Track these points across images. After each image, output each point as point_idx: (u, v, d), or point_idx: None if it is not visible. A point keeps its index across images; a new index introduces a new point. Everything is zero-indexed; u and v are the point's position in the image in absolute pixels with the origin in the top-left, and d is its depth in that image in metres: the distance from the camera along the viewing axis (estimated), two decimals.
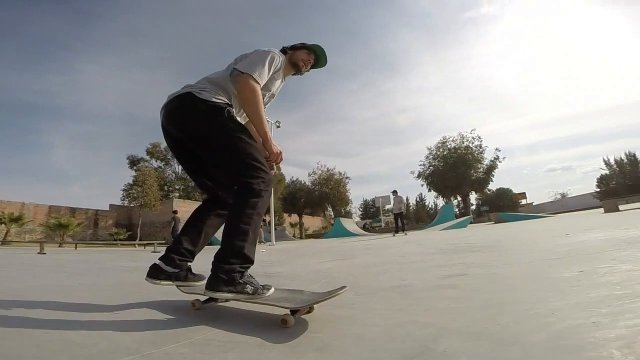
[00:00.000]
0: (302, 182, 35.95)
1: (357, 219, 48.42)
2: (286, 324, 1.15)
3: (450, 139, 32.85)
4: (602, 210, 11.68)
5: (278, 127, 17.20)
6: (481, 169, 31.35)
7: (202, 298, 1.45)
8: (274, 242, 12.03)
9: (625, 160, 35.93)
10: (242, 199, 1.29)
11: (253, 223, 1.27)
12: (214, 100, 1.38)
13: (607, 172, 37.17)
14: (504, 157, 32.32)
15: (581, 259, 2.01)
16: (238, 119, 1.43)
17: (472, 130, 33.17)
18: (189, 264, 1.50)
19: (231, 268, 1.23)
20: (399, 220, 11.46)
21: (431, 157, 33.43)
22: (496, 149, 31.00)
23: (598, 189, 35.94)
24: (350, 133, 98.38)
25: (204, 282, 1.46)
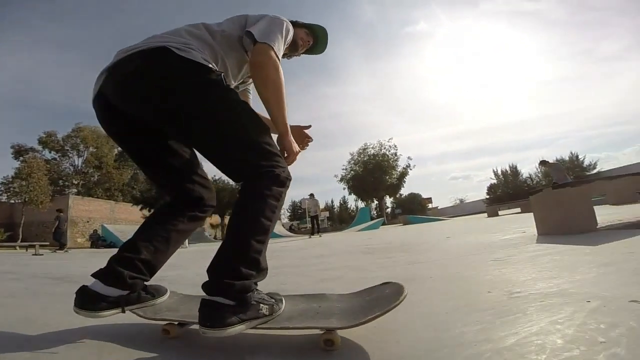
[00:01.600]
0: (225, 182, 34.54)
1: (286, 220, 48.37)
2: (332, 346, 0.85)
3: (371, 146, 35.40)
4: (486, 214, 13.82)
5: None
6: (395, 175, 34.40)
7: (177, 318, 1.05)
8: (187, 245, 11.33)
9: (509, 172, 43.33)
10: (266, 186, 0.96)
11: (274, 219, 0.96)
12: (204, 63, 1.00)
13: (495, 181, 44.23)
14: (414, 165, 36.00)
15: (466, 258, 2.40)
16: None
17: (389, 139, 36.15)
18: (144, 283, 1.07)
19: (244, 285, 0.88)
20: (315, 222, 11.92)
21: (352, 162, 35.64)
22: (408, 158, 34.48)
23: (488, 196, 42.56)
24: None
25: (166, 295, 1.16)
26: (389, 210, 45.45)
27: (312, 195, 12.57)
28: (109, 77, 1.02)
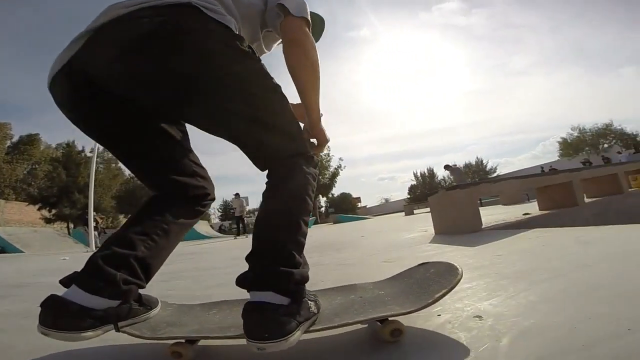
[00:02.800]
0: None
1: (217, 220, 46.14)
2: (401, 335, 0.80)
3: None
4: (404, 213, 14.76)
5: None
6: (327, 175, 35.15)
7: (190, 335, 0.83)
8: (95, 249, 9.92)
9: (427, 174, 47.63)
10: (307, 166, 0.86)
11: (311, 201, 0.85)
12: (233, 29, 0.81)
13: (415, 182, 48.15)
14: (345, 166, 37.12)
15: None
16: None
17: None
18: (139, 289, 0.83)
19: (302, 275, 0.77)
20: (240, 223, 11.44)
21: None
22: (340, 159, 35.61)
23: (409, 196, 46.14)
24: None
25: (158, 306, 0.93)
26: (322, 209, 46.44)
27: (237, 194, 11.99)
28: (97, 42, 0.76)
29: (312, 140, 0.99)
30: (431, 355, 0.75)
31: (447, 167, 11.09)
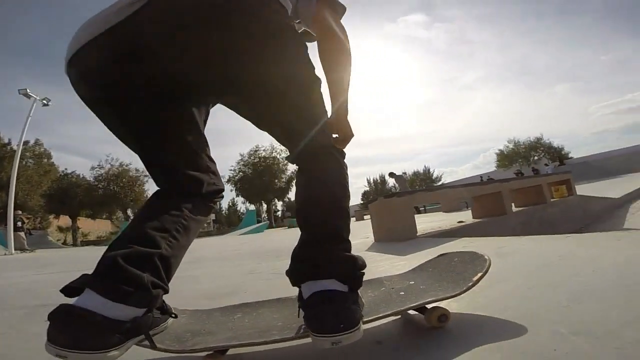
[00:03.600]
0: (81, 176, 28.86)
1: None
2: (447, 320, 0.80)
3: (262, 149, 34.90)
4: (355, 218, 15.01)
5: (45, 104, 13.11)
6: (284, 179, 34.81)
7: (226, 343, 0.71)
8: (14, 251, 8.90)
9: (379, 181, 49.28)
10: (340, 156, 0.87)
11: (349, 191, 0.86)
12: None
13: (368, 188, 49.57)
14: None
15: None
16: None
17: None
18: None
19: (363, 262, 0.74)
20: None
21: (242, 163, 34.52)
22: None
23: (361, 202, 47.46)
24: None
25: (173, 315, 0.81)
26: (279, 213, 45.92)
27: None
28: (161, 8, 0.68)
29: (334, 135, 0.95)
30: None
31: (391, 174, 11.42)
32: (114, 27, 0.68)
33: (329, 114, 0.88)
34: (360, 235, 4.56)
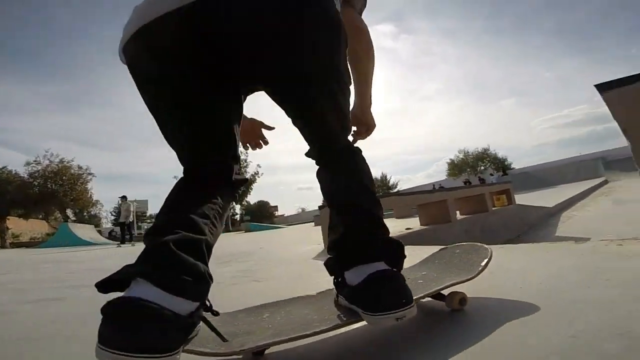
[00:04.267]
0: (14, 172, 25.95)
1: (109, 224, 40.36)
2: (466, 303, 0.86)
3: None
4: (313, 223, 15.00)
5: None
6: None
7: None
8: None
9: None
10: (360, 152, 0.90)
11: None
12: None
13: None
14: (263, 173, 36.32)
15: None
16: None
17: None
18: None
19: (402, 246, 0.76)
20: (126, 229, 10.10)
21: None
22: (257, 165, 34.62)
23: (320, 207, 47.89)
24: (123, 124, 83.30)
25: None
26: (237, 216, 44.74)
27: (124, 197, 10.57)
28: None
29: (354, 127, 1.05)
30: None
31: None
32: (196, 5, 0.67)
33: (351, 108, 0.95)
34: (316, 240, 4.52)
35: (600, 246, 1.35)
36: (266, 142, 1.19)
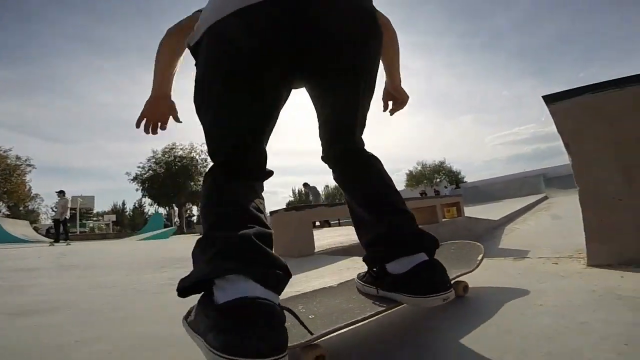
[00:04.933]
0: None
1: (49, 220, 36.87)
2: (467, 291, 1.01)
3: (180, 147, 32.18)
4: None
5: None
6: (201, 182, 32.57)
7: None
8: None
9: (303, 191, 50.09)
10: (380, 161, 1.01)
11: None
12: None
13: (293, 199, 49.73)
14: None
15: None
16: None
17: (202, 143, 33.54)
18: None
19: (437, 239, 0.87)
20: (61, 226, 9.19)
21: (154, 160, 31.23)
22: None
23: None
24: (76, 114, 76.55)
25: None
26: (194, 218, 42.91)
27: (61, 192, 9.61)
28: (343, 3, 0.80)
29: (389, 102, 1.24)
30: None
31: (306, 185, 11.37)
32: (297, 2, 0.73)
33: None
34: None
35: (538, 265, 1.34)
36: (163, 128, 1.14)
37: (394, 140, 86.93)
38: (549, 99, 1.24)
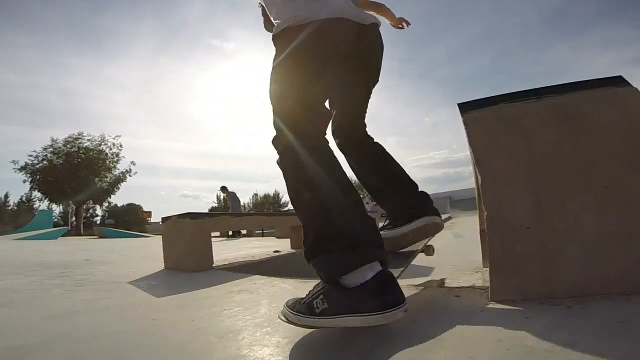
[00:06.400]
0: None
1: None
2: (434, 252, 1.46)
3: (87, 137, 27.88)
4: None
5: None
6: (108, 179, 28.60)
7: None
8: None
9: (222, 197, 47.89)
10: None
11: None
12: None
13: (216, 205, 47.08)
14: (136, 172, 31.17)
15: None
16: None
17: (116, 136, 29.47)
18: None
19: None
20: None
21: (51, 149, 26.51)
22: (132, 162, 29.66)
23: None
24: None
25: None
26: (97, 219, 37.66)
27: None
28: (373, 30, 1.26)
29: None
30: None
31: (224, 189, 10.46)
32: (361, 24, 1.17)
33: None
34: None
35: (439, 297, 1.17)
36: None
37: None
38: (464, 108, 1.12)
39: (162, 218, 2.79)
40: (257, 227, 5.65)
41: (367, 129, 1.40)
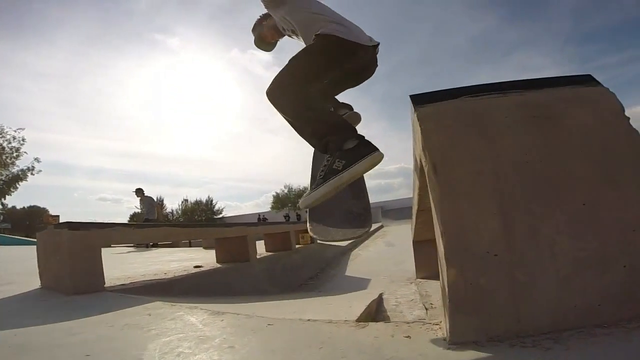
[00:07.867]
0: None
1: None
2: None
3: None
4: None
5: None
6: (3, 177, 24.06)
7: None
8: None
9: (158, 203, 43.72)
10: None
11: None
12: None
13: (139, 211, 42.77)
14: (39, 171, 26.62)
15: None
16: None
17: (18, 129, 25.03)
18: None
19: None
20: None
21: None
22: (35, 159, 25.27)
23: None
24: None
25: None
26: None
27: None
28: (375, 52, 1.70)
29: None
30: None
31: (139, 192, 9.26)
32: (371, 46, 1.64)
33: None
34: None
35: (386, 339, 0.91)
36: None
37: (268, 160, 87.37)
38: (417, 100, 0.89)
39: (38, 230, 2.15)
40: (165, 239, 5.02)
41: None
